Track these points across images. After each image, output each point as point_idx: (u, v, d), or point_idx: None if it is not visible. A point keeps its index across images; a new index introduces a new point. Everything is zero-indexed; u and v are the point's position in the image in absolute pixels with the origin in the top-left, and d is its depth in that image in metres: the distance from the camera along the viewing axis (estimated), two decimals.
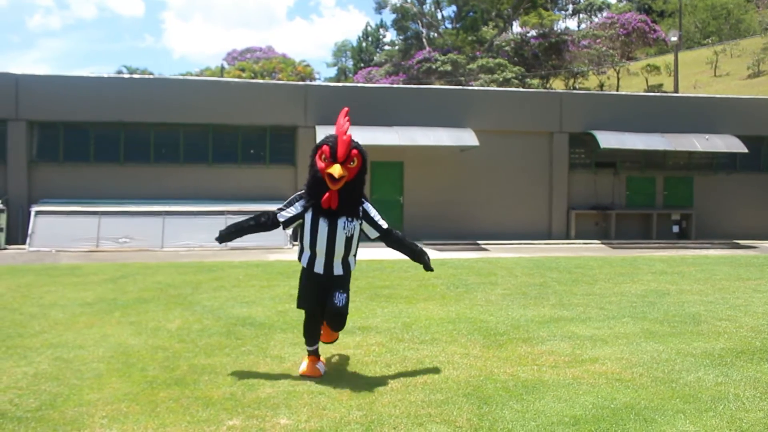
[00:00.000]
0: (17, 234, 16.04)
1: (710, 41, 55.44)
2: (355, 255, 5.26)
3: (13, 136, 16.47)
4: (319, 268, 5.11)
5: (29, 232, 15.40)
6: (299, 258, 5.22)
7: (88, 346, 6.05)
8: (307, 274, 5.19)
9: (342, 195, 4.97)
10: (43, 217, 15.60)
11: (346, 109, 5.28)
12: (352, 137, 5.03)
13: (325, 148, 4.92)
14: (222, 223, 15.89)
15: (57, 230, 15.41)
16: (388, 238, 5.28)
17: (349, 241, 5.06)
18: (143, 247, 15.48)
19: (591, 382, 5.01)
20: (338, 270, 5.13)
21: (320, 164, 4.95)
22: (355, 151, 4.95)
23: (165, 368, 5.32)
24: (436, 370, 5.31)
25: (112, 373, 5.20)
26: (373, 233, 5.24)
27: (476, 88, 26.85)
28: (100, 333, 6.59)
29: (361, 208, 5.15)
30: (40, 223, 15.52)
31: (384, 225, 5.26)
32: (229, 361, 5.56)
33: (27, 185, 16.49)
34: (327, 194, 4.93)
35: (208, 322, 7.14)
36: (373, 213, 5.23)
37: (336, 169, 4.83)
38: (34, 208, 15.74)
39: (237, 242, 15.58)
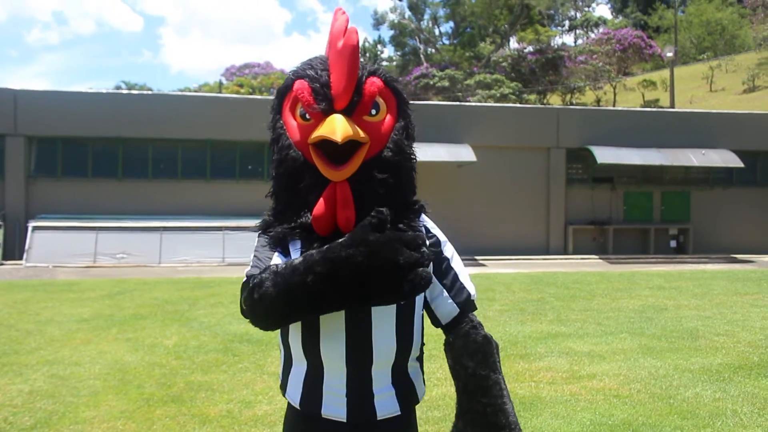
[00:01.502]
0: (14, 249, 16.00)
1: (705, 56, 55.71)
2: (420, 357, 1.89)
3: (12, 152, 16.49)
4: (334, 407, 1.72)
5: (26, 247, 15.37)
6: (282, 384, 1.83)
7: (84, 362, 6.03)
8: (304, 426, 1.77)
9: (362, 195, 1.68)
10: (41, 233, 15.59)
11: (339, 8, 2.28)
12: (359, 45, 1.73)
13: (301, 85, 1.72)
14: (220, 239, 15.91)
15: (54, 246, 15.39)
16: (457, 332, 1.82)
17: (406, 315, 1.75)
18: (140, 263, 15.45)
19: (589, 399, 5.00)
20: (386, 406, 1.75)
21: (294, 127, 1.74)
22: (375, 82, 1.73)
23: (161, 385, 5.30)
24: (433, 387, 5.29)
25: (108, 390, 5.18)
26: (442, 306, 1.83)
27: (474, 103, 26.97)
28: (97, 350, 6.57)
29: (422, 229, 1.82)
30: (37, 238, 15.50)
31: (470, 290, 1.87)
32: (226, 378, 5.54)
33: (25, 200, 16.48)
34: (325, 196, 1.67)
35: (205, 338, 7.11)
36: (447, 247, 1.86)
37: (337, 125, 1.61)
38: (32, 224, 15.73)
39: (235, 257, 15.59)
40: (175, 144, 17.32)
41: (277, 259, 1.68)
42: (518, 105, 27.34)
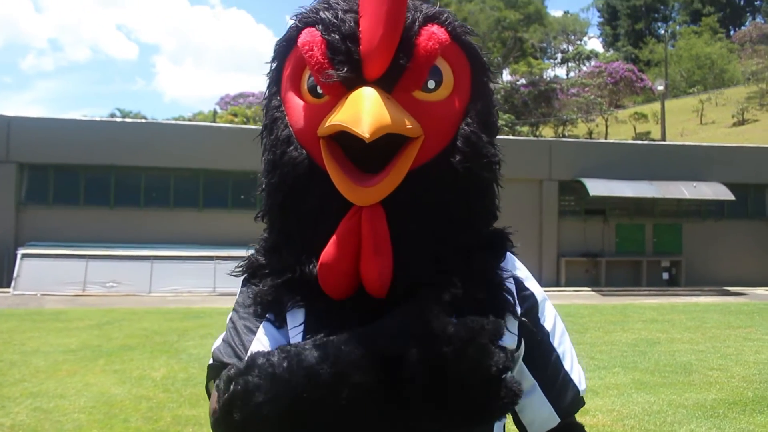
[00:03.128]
0: (2, 277, 15.83)
1: (695, 90, 56.43)
2: None
3: (3, 178, 16.40)
4: None
5: (14, 275, 15.23)
6: None
7: (69, 395, 5.91)
8: None
9: (407, 230, 1.02)
10: (29, 260, 15.45)
11: None
12: None
13: (311, 37, 1.03)
14: (211, 269, 15.80)
15: (43, 273, 15.24)
16: None
17: None
18: (130, 292, 15.31)
19: None
20: None
21: (297, 108, 1.08)
22: (436, 34, 1.03)
23: (148, 419, 5.20)
24: None
25: (92, 424, 5.07)
26: (533, 410, 1.20)
27: None
28: (83, 381, 6.45)
29: (509, 283, 1.13)
30: (26, 266, 15.36)
31: (578, 384, 1.24)
32: None
33: (14, 228, 16.37)
34: (341, 230, 1.01)
35: (194, 370, 7.00)
36: (547, 309, 1.25)
37: (365, 107, 0.94)
38: (21, 251, 15.60)
39: (227, 288, 15.49)
40: (168, 173, 17.29)
41: (264, 338, 1.07)
42: (511, 137, 27.52)
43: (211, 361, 1.11)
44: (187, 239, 16.85)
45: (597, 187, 18.20)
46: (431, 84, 1.04)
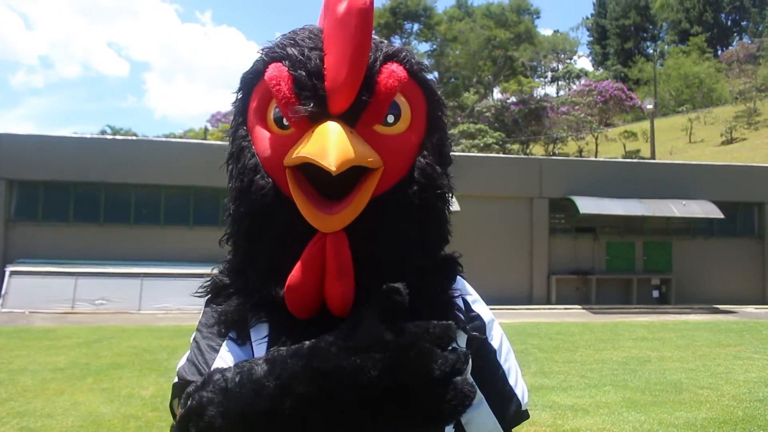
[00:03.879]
0: None
1: (684, 109, 56.96)
2: None
3: None
4: None
5: (2, 292, 15.10)
6: None
7: (56, 414, 5.86)
8: None
9: (367, 254, 1.07)
10: (18, 278, 15.34)
11: None
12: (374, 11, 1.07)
13: (277, 72, 1.08)
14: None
15: (31, 291, 15.13)
16: None
17: None
18: (120, 309, 15.21)
19: None
20: None
21: (264, 139, 1.13)
22: (395, 72, 1.10)
23: None
24: None
25: None
26: (479, 421, 1.20)
27: (457, 153, 27.24)
28: (71, 400, 6.40)
29: (459, 302, 1.22)
30: (14, 283, 15.25)
31: (520, 398, 1.27)
32: None
33: (3, 244, 16.24)
34: (306, 255, 1.06)
35: None
36: (494, 329, 1.32)
37: (330, 141, 1.00)
38: (9, 268, 15.49)
39: None
40: (158, 190, 17.25)
41: (226, 356, 1.10)
42: (501, 155, 27.66)
43: (176, 380, 1.13)
44: (178, 257, 16.77)
45: (587, 205, 18.28)
46: (390, 118, 1.10)
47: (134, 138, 22.41)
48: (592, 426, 5.74)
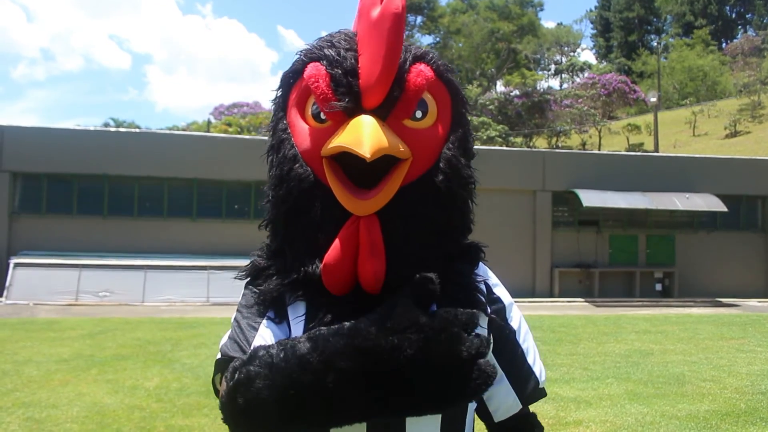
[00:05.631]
0: None
1: (688, 102, 56.78)
2: None
3: None
4: None
5: (6, 284, 15.16)
6: None
7: (61, 405, 5.89)
8: None
9: (398, 237, 1.17)
10: (22, 270, 15.39)
11: None
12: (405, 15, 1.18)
13: (316, 71, 1.20)
14: (204, 279, 15.77)
15: (35, 283, 15.18)
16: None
17: (454, 420, 1.23)
18: (123, 302, 15.27)
19: None
20: None
21: (303, 131, 1.23)
22: (423, 72, 1.22)
23: (141, 429, 5.19)
24: None
25: None
26: (499, 398, 1.34)
27: None
28: (75, 391, 6.43)
29: (481, 286, 1.31)
30: (19, 275, 15.30)
31: (538, 376, 1.41)
32: (207, 422, 5.43)
33: (7, 237, 16.30)
34: (342, 235, 1.16)
35: (187, 380, 6.99)
36: (513, 312, 1.42)
37: (365, 132, 1.10)
38: (13, 260, 15.54)
39: (220, 297, 15.45)
40: (162, 182, 17.27)
41: (266, 333, 1.20)
42: (505, 148, 27.61)
43: (218, 356, 1.23)
44: (181, 249, 16.82)
45: (590, 198, 18.26)
46: (419, 114, 1.21)
47: (137, 130, 22.42)
48: (594, 418, 5.75)
